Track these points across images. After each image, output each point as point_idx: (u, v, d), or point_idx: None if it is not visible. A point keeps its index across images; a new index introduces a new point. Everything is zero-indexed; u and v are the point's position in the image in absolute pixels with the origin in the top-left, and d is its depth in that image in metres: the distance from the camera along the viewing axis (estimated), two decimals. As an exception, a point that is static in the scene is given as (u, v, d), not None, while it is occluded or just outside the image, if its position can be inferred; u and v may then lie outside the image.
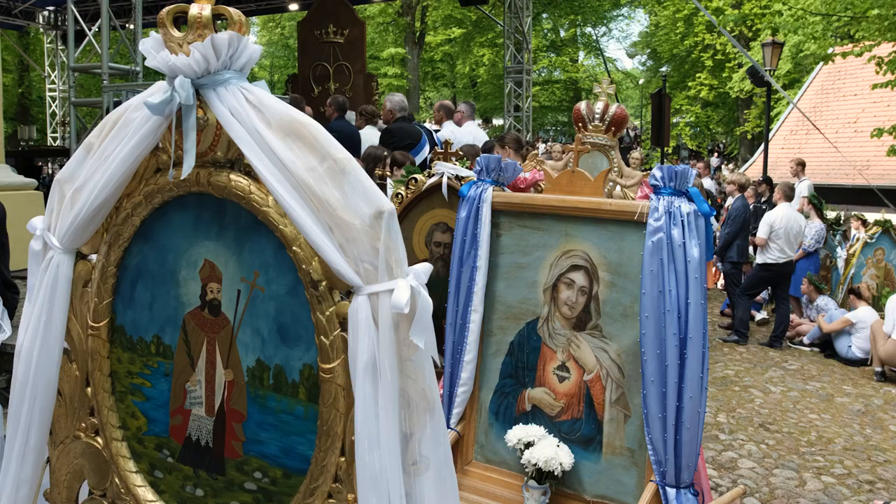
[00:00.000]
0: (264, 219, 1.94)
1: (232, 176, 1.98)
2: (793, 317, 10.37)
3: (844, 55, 12.74)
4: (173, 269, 2.15)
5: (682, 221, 3.14)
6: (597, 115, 4.44)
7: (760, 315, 11.19)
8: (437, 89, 41.92)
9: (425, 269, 1.86)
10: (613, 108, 4.43)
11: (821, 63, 21.79)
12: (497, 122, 30.28)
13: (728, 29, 19.35)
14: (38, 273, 2.25)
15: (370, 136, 9.08)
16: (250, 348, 2.05)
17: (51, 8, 21.73)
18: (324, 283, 1.90)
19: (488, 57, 35.45)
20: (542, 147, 14.20)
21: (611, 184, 4.61)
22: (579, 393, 3.52)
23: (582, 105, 4.49)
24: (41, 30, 24.17)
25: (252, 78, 2.04)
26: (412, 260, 5.61)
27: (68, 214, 2.17)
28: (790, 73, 26.31)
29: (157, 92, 1.97)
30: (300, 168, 1.85)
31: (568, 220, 3.52)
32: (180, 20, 1.98)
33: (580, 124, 4.41)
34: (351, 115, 9.99)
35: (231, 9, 1.95)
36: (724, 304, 11.57)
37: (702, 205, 3.18)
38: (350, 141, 8.87)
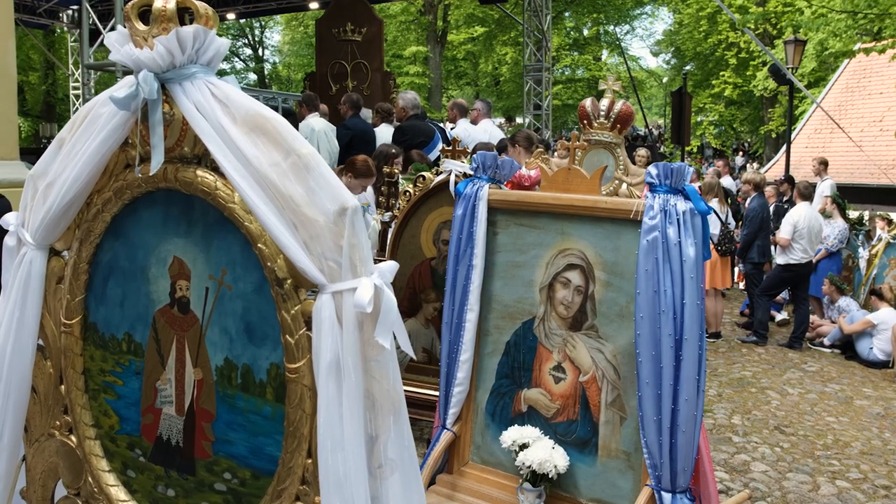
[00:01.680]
0: (230, 215, 1.91)
1: (199, 172, 1.95)
2: (813, 318, 10.20)
3: (867, 51, 12.52)
4: (143, 266, 2.12)
5: (678, 220, 3.07)
6: (602, 113, 4.37)
7: (781, 316, 11.02)
8: (460, 88, 41.85)
9: (390, 267, 1.82)
10: (619, 105, 4.35)
11: (846, 61, 21.47)
12: (520, 120, 30.18)
13: (751, 27, 19.13)
14: (11, 269, 2.24)
15: (386, 133, 9.06)
16: (218, 347, 2.02)
17: (74, 7, 21.93)
18: (289, 282, 1.86)
19: (511, 55, 35.31)
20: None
21: (616, 182, 4.54)
22: (575, 394, 3.46)
23: (587, 102, 4.42)
24: (65, 28, 24.42)
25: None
26: (420, 258, 5.59)
27: (40, 210, 2.15)
28: (815, 71, 25.94)
29: (123, 86, 1.94)
30: (264, 164, 1.81)
31: (564, 219, 3.46)
32: (148, 14, 1.95)
33: (585, 121, 4.34)
34: (367, 113, 9.97)
35: (197, 2, 1.91)
36: (744, 304, 11.42)
37: (698, 203, 3.11)
38: (364, 138, 8.86)
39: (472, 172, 4.69)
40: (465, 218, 3.62)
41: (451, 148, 5.85)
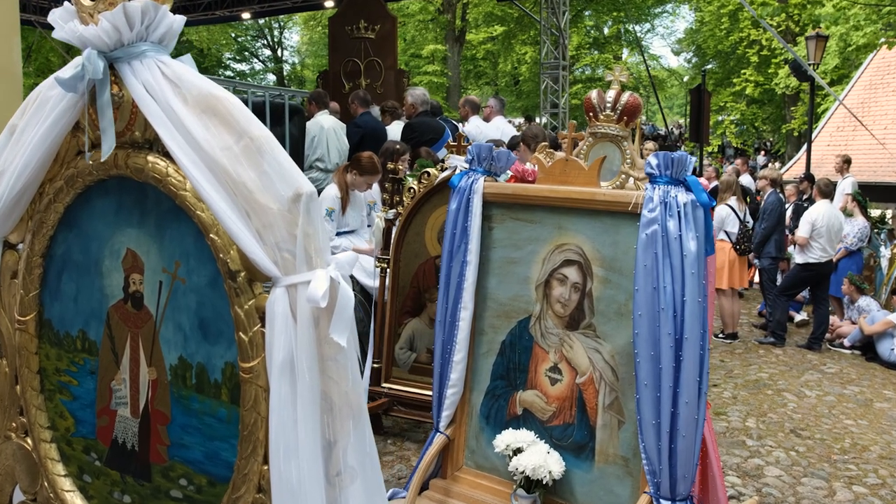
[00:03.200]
0: (182, 204, 1.78)
1: (150, 158, 1.83)
2: (833, 318, 9.96)
3: (890, 45, 12.24)
4: (97, 259, 2.00)
5: (679, 212, 2.90)
6: (608, 104, 4.21)
7: (800, 316, 10.79)
8: (480, 87, 41.66)
9: (349, 259, 1.68)
10: (626, 97, 4.20)
11: (869, 57, 21.10)
12: (538, 119, 29.95)
13: (773, 24, 18.80)
14: (-36, 263, 2.12)
15: (397, 131, 8.95)
16: (172, 344, 1.89)
17: (91, 8, 21.90)
18: (242, 274, 1.73)
19: (530, 55, 35.07)
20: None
21: (623, 176, 4.39)
22: (572, 396, 3.30)
23: (593, 94, 4.27)
24: (82, 30, 24.41)
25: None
26: (424, 256, 5.47)
27: (-8, 200, 2.04)
28: (838, 68, 25.52)
29: (71, 67, 1.82)
30: (215, 148, 1.68)
31: (561, 212, 3.31)
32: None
33: (591, 114, 4.19)
34: (377, 111, 9.87)
35: (148, -25, 1.79)
36: (762, 304, 11.19)
37: (700, 194, 2.94)
38: (375, 135, 8.75)
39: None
40: (459, 212, 3.47)
41: (456, 143, 5.72)
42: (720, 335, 9.66)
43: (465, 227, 3.45)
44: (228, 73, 40.43)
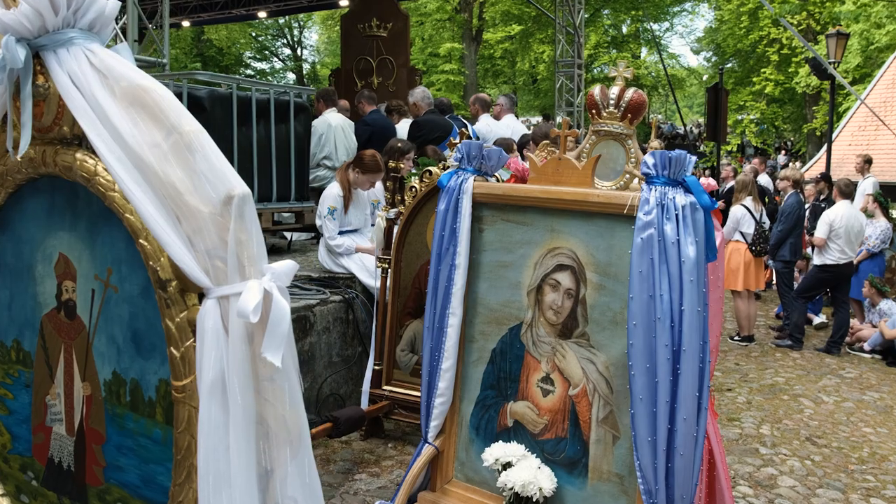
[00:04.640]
0: (111, 205, 1.62)
1: (78, 155, 1.67)
2: (853, 321, 9.70)
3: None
4: (30, 264, 1.85)
5: (677, 215, 2.71)
6: (611, 101, 4.03)
7: (819, 319, 10.53)
8: (497, 86, 41.44)
9: (287, 268, 1.51)
10: (630, 93, 4.01)
11: (892, 56, 20.70)
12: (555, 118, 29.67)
13: (793, 22, 18.44)
14: None
15: (405, 129, 8.82)
16: (106, 358, 1.74)
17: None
18: (174, 284, 1.56)
19: (548, 53, 34.80)
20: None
21: (627, 176, 4.21)
22: (564, 409, 3.12)
23: (596, 90, 4.08)
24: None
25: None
26: (426, 256, 5.31)
27: (-79, 201, 1.89)
28: (860, 67, 25.08)
29: (-6, 55, 1.67)
30: (143, 144, 1.52)
31: (553, 214, 3.12)
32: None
33: (594, 111, 4.00)
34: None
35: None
36: (780, 307, 10.94)
37: (701, 196, 2.75)
38: (384, 133, 8.62)
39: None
40: (448, 213, 3.30)
41: (458, 141, 5.56)
42: (736, 338, 9.46)
43: (453, 228, 3.28)
44: (249, 71, 40.51)
